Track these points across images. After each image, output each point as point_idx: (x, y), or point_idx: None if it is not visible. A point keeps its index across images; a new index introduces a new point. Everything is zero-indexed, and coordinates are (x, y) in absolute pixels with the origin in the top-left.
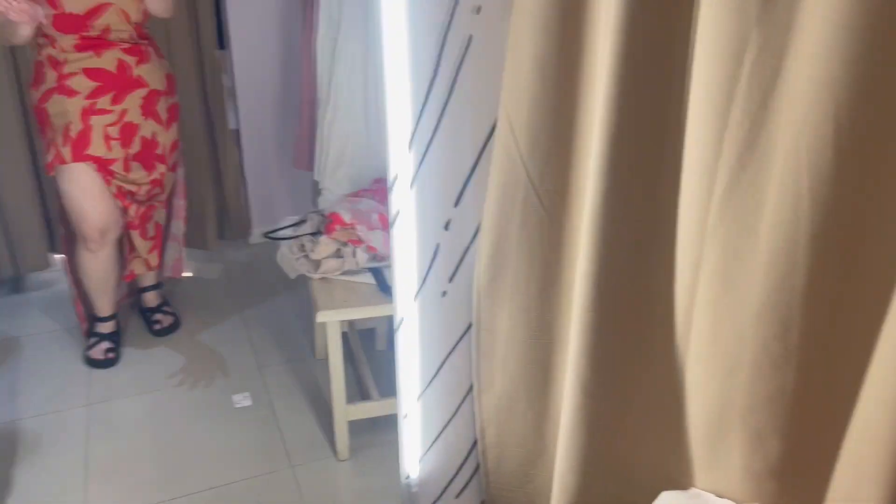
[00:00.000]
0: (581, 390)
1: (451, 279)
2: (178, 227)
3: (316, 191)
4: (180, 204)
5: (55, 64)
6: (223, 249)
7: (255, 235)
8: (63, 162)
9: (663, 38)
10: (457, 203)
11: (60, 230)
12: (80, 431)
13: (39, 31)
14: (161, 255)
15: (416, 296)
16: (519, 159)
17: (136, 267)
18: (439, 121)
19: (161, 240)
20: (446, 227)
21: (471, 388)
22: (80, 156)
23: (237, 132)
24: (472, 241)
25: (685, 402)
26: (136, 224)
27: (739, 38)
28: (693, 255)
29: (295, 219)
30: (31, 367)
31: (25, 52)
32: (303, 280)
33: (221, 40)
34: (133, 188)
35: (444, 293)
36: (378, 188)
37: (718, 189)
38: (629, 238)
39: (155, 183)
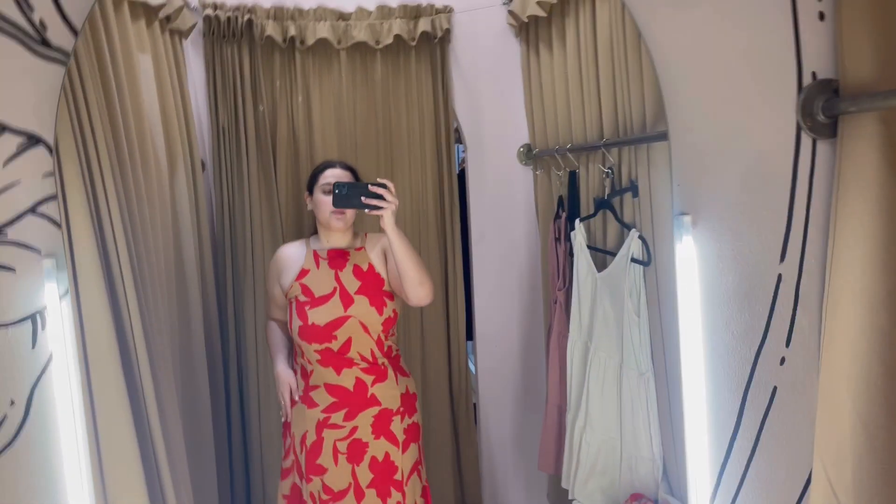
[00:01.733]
0: None
1: None
2: None
3: (553, 491)
4: None
5: (304, 374)
6: None
7: None
8: (292, 472)
9: None
10: None
11: None
12: None
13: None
14: None
15: None
16: None
17: None
18: (744, 475)
19: None
20: None
21: None
22: (312, 466)
23: (476, 408)
24: None
25: None
26: None
27: None
28: None
29: None
30: None
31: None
32: None
33: (470, 333)
34: None
35: None
36: None
37: None
38: None
39: None
